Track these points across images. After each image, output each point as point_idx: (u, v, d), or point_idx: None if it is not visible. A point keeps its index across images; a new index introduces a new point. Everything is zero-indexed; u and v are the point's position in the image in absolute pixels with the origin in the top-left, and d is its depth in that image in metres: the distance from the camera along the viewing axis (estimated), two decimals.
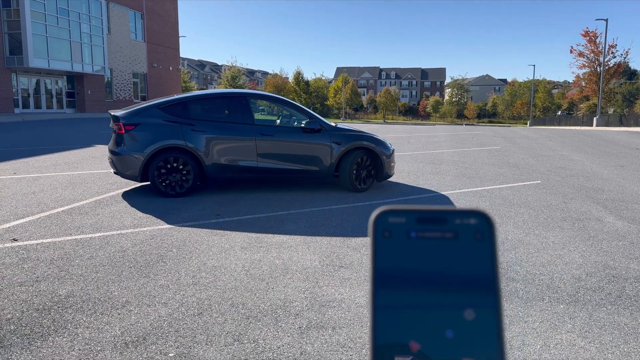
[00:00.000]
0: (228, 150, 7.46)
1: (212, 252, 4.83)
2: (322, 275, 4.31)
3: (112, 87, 37.89)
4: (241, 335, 3.22)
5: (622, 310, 3.78)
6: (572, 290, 4.13)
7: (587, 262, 4.82)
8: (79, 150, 12.78)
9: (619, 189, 8.82)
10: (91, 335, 3.19)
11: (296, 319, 3.46)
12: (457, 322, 0.39)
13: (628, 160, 13.46)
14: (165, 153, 7.20)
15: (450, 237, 0.41)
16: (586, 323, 3.55)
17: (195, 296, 3.80)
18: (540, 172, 10.65)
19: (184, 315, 3.48)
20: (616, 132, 28.76)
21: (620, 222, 6.44)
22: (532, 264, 4.72)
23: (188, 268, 4.39)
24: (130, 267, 4.40)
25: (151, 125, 7.25)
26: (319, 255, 4.83)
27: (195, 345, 3.08)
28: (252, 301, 3.73)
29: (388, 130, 27.72)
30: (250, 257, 4.71)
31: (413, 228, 0.41)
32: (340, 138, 7.82)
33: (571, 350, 3.16)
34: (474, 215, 0.41)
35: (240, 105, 7.74)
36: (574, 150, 16.00)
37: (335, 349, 3.09)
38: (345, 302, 3.77)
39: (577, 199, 7.82)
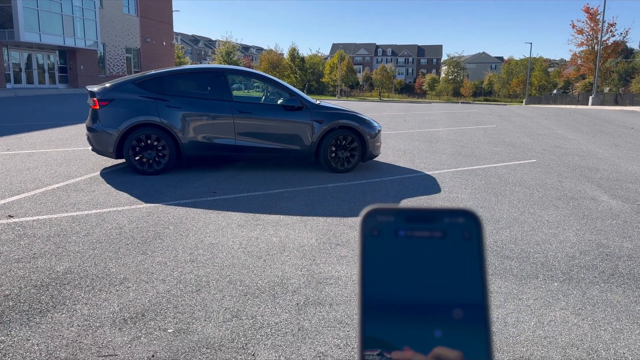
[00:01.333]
0: (205, 128, 7.31)
1: (209, 229, 4.84)
2: (319, 253, 4.34)
3: (105, 62, 37.40)
4: (239, 311, 3.25)
5: (615, 288, 3.83)
6: (566, 268, 4.18)
7: (581, 241, 4.87)
8: (73, 127, 12.67)
9: (614, 168, 8.87)
10: (90, 311, 3.21)
11: (294, 296, 3.49)
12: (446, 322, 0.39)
13: (623, 140, 13.50)
14: (140, 130, 7.07)
15: (438, 236, 0.41)
16: (579, 300, 3.60)
17: (193, 273, 3.82)
18: (535, 151, 10.67)
19: (182, 292, 3.50)
20: (611, 111, 28.78)
21: (614, 201, 6.49)
22: (527, 242, 4.77)
23: (185, 245, 4.40)
24: (127, 244, 4.41)
25: (126, 101, 7.12)
26: (315, 233, 4.85)
27: (194, 322, 3.11)
28: (249, 278, 3.75)
29: (384, 108, 27.60)
30: (248, 234, 4.73)
31: (402, 227, 0.42)
32: (322, 116, 7.61)
33: (565, 327, 3.21)
34: (462, 214, 0.42)
35: (218, 81, 7.56)
36: (569, 129, 16.02)
37: (332, 325, 3.12)
38: (342, 280, 3.81)
39: (572, 178, 7.86)
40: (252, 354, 2.78)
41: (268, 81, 8.07)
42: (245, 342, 2.89)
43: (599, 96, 38.10)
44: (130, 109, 7.08)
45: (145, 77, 7.41)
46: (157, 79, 7.41)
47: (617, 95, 39.56)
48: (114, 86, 7.26)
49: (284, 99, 7.70)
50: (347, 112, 7.84)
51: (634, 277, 4.04)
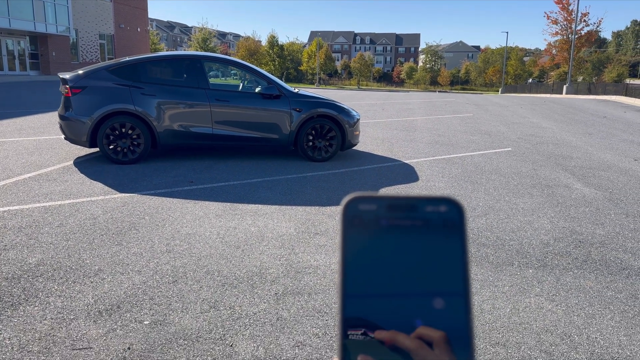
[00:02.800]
0: (181, 116, 7.19)
1: (186, 219, 4.79)
2: (298, 242, 4.32)
3: (78, 49, 36.48)
4: (217, 302, 3.22)
5: (588, 274, 3.92)
6: (540, 255, 4.25)
7: (555, 228, 4.96)
8: (45, 115, 12.34)
9: (587, 156, 9.05)
10: (63, 303, 3.15)
11: (272, 286, 3.48)
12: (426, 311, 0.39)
13: (596, 128, 13.77)
14: (114, 118, 6.93)
15: (420, 224, 0.40)
16: (554, 287, 3.67)
17: (169, 264, 3.77)
18: (511, 140, 10.81)
19: (159, 283, 3.46)
20: (585, 100, 29.31)
21: (587, 188, 6.62)
22: (502, 230, 4.84)
23: (161, 236, 4.34)
24: (101, 234, 4.33)
25: (99, 88, 6.96)
26: (294, 223, 4.83)
27: (171, 313, 3.07)
28: (227, 268, 3.72)
29: (363, 96, 27.59)
30: (225, 224, 4.69)
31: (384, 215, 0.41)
32: (301, 105, 7.55)
33: (539, 313, 3.27)
34: (444, 202, 0.41)
35: (194, 69, 7.43)
36: (544, 118, 16.27)
37: (311, 314, 3.12)
38: (320, 269, 3.81)
39: (547, 166, 7.99)
40: (230, 345, 2.76)
41: (246, 69, 7.96)
42: (223, 333, 2.87)
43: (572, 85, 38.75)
44: (103, 97, 6.91)
45: (120, 64, 7.23)
46: (131, 66, 7.24)
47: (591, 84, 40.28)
48: (87, 73, 7.08)
49: (262, 87, 7.60)
50: (326, 101, 7.78)
51: (606, 263, 4.14)
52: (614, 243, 4.62)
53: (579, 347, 2.90)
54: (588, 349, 2.89)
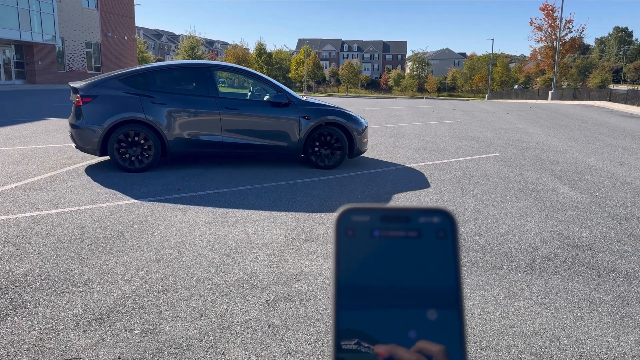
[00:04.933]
0: (191, 124, 7.25)
1: (176, 227, 4.76)
2: (288, 249, 4.32)
3: (64, 58, 36.22)
4: (208, 310, 3.20)
5: (576, 277, 3.96)
6: (529, 258, 4.29)
7: (543, 232, 5.01)
8: (31, 124, 12.23)
9: (573, 161, 9.16)
10: (52, 314, 3.11)
11: (263, 293, 3.47)
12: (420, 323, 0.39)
13: (581, 133, 13.95)
14: (125, 126, 6.98)
15: (413, 235, 0.41)
16: (542, 290, 3.70)
17: (159, 272, 3.75)
18: (498, 145, 10.92)
19: (149, 292, 3.44)
20: (570, 105, 29.70)
21: (574, 192, 6.70)
22: (491, 234, 4.87)
23: (151, 244, 4.32)
24: (90, 244, 4.29)
25: (110, 97, 7.01)
26: (284, 229, 4.83)
27: (161, 322, 3.05)
28: (218, 276, 3.71)
29: (351, 103, 27.68)
30: (215, 232, 4.67)
31: (377, 227, 0.41)
32: (309, 112, 7.59)
33: (529, 316, 3.30)
34: (437, 213, 0.41)
35: (204, 77, 7.49)
36: (530, 123, 16.45)
37: (302, 320, 3.12)
38: (311, 275, 3.81)
39: (533, 171, 8.07)
40: (221, 353, 2.75)
41: (255, 77, 8.01)
42: (214, 341, 2.85)
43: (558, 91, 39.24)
44: (114, 106, 6.98)
45: (130, 73, 7.31)
46: (142, 74, 7.32)
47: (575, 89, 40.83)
48: (98, 82, 7.15)
49: (271, 95, 7.66)
50: (334, 109, 7.83)
51: (593, 266, 4.19)
52: (601, 246, 4.68)
53: (568, 349, 2.93)
54: (577, 350, 2.92)
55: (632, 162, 9.36)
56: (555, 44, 42.86)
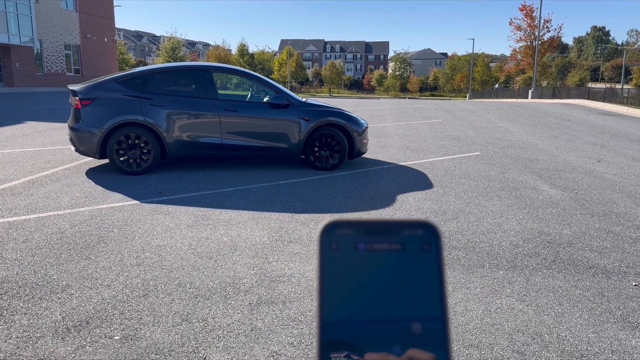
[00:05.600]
0: (190, 126, 7.22)
1: (156, 231, 4.71)
2: (272, 251, 4.30)
3: (43, 60, 35.62)
4: (189, 314, 3.17)
5: (557, 273, 4.01)
6: (510, 256, 4.33)
7: (524, 229, 5.06)
8: (9, 127, 12.00)
9: (553, 159, 9.28)
10: (30, 321, 3.05)
11: (246, 296, 3.45)
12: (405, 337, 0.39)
13: (560, 131, 14.15)
14: (124, 129, 6.95)
15: (397, 248, 0.41)
16: (524, 287, 3.74)
17: (140, 277, 3.70)
18: (479, 144, 11.02)
19: (129, 297, 3.38)
20: (550, 104, 30.11)
21: (554, 190, 6.79)
22: (473, 233, 4.91)
23: (131, 248, 4.26)
24: (69, 249, 4.22)
25: (108, 100, 6.99)
26: (267, 231, 4.80)
27: (142, 327, 3.01)
28: (200, 280, 3.67)
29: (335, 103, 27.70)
30: (197, 235, 4.63)
31: (361, 240, 0.41)
32: (309, 114, 7.57)
33: (510, 314, 3.32)
34: (421, 226, 0.42)
35: (203, 79, 7.46)
36: (510, 122, 16.64)
37: (285, 323, 3.10)
38: (295, 277, 3.79)
39: (514, 169, 8.16)
40: (203, 358, 2.72)
41: (254, 79, 7.98)
42: (196, 346, 2.82)
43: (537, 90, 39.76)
44: (113, 108, 6.94)
45: (129, 75, 7.28)
46: (140, 77, 7.29)
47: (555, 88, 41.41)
48: (97, 85, 7.13)
49: (271, 96, 7.64)
50: (334, 110, 7.82)
51: (573, 263, 4.24)
52: (581, 242, 4.74)
53: (549, 346, 2.95)
54: (558, 347, 2.95)
55: (611, 159, 9.52)
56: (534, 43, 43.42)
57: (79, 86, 7.15)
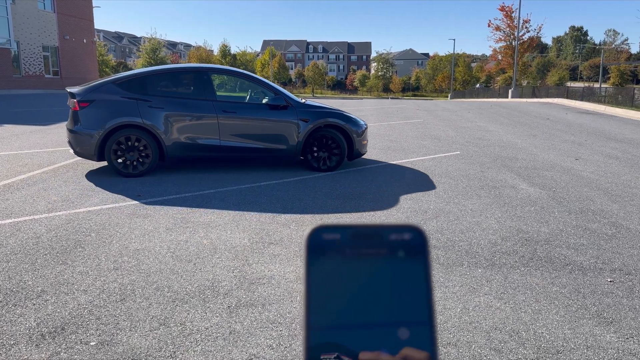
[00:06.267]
0: (188, 128, 7.19)
1: (135, 234, 4.65)
2: (252, 253, 4.28)
3: (20, 62, 35.00)
4: (167, 318, 3.14)
5: (534, 271, 4.06)
6: (488, 254, 4.37)
7: (502, 228, 5.11)
8: None
9: (531, 157, 9.40)
10: (3, 328, 2.99)
11: (225, 299, 3.42)
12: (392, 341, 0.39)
13: (539, 130, 14.34)
14: (122, 131, 6.93)
15: (385, 253, 0.41)
16: (502, 285, 3.77)
17: (117, 281, 3.65)
18: (459, 143, 11.11)
19: (106, 302, 3.34)
20: (529, 103, 30.51)
21: (532, 188, 6.87)
22: (452, 231, 4.95)
23: (109, 253, 4.20)
24: (45, 254, 4.15)
25: (106, 102, 6.98)
26: (248, 233, 4.78)
27: (119, 332, 2.97)
28: (178, 283, 3.64)
29: None
30: (176, 238, 4.59)
31: (348, 244, 0.41)
32: (308, 115, 7.55)
33: (488, 312, 3.36)
34: (408, 230, 0.42)
35: (201, 81, 7.45)
36: (490, 122, 16.82)
37: (265, 325, 3.09)
38: (275, 279, 3.78)
39: (494, 168, 8.25)
40: None
41: (253, 80, 7.96)
42: (173, 350, 2.79)
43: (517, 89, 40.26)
44: (111, 110, 6.93)
45: (127, 77, 7.27)
46: (138, 78, 7.27)
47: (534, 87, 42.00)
48: (95, 87, 7.12)
49: (269, 97, 7.62)
50: (333, 111, 7.81)
51: (550, 260, 4.29)
52: (558, 240, 4.81)
53: (526, 343, 2.99)
54: (535, 343, 2.99)
55: (588, 157, 9.68)
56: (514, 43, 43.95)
57: (77, 88, 7.15)
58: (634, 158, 9.71)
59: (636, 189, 7.01)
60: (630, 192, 6.85)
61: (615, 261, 4.31)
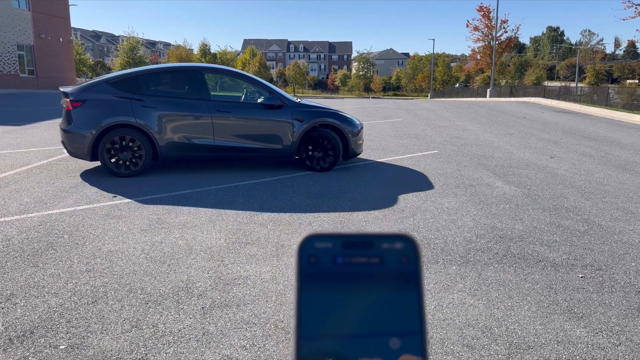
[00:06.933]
0: (182, 128, 7.14)
1: (109, 236, 4.59)
2: (228, 253, 4.25)
3: None
4: (139, 321, 3.10)
5: (507, 268, 4.11)
6: (463, 252, 4.42)
7: (477, 225, 5.17)
8: None
9: (507, 156, 9.53)
10: None
11: (199, 300, 3.40)
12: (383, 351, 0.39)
13: (516, 129, 14.54)
14: (115, 130, 6.87)
15: (376, 262, 0.41)
16: (475, 282, 3.82)
17: (89, 284, 3.60)
18: (437, 142, 11.21)
19: (77, 305, 3.29)
20: (507, 102, 30.91)
21: (507, 186, 6.96)
22: (429, 229, 4.99)
23: (81, 254, 4.14)
24: (15, 256, 4.06)
25: (99, 101, 6.91)
26: (224, 233, 4.75)
27: (89, 335, 2.92)
28: (152, 285, 3.60)
29: None
30: (151, 239, 4.53)
31: (340, 253, 0.41)
32: (303, 115, 7.49)
33: (462, 309, 3.39)
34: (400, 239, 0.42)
35: (195, 80, 7.39)
36: (468, 121, 17.00)
37: (239, 326, 3.07)
38: (250, 279, 3.76)
39: (470, 167, 8.34)
40: None
41: (247, 79, 7.92)
42: (145, 353, 2.76)
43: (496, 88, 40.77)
44: (104, 110, 6.87)
45: (120, 77, 7.22)
46: (132, 78, 7.22)
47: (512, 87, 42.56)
48: (88, 86, 7.07)
49: (264, 97, 7.56)
50: (329, 110, 7.78)
51: (524, 257, 4.36)
52: (532, 237, 4.88)
53: (498, 339, 3.02)
54: (507, 339, 3.03)
55: (563, 155, 9.84)
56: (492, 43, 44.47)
57: (71, 88, 7.09)
58: (607, 156, 9.91)
59: (608, 186, 7.15)
60: (602, 189, 6.99)
61: (586, 257, 4.39)
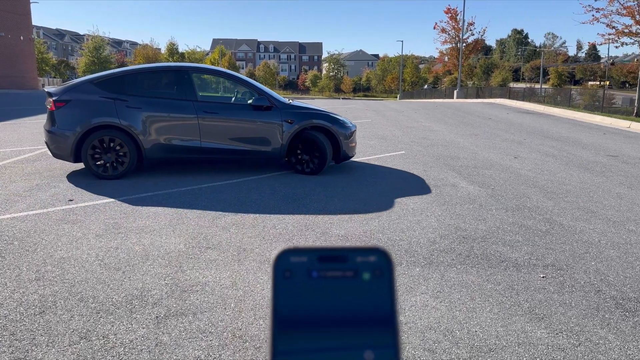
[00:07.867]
0: (167, 129, 6.94)
1: (61, 242, 4.39)
2: (187, 259, 4.12)
3: None
4: (89, 332, 2.95)
5: (470, 269, 4.10)
6: (427, 253, 4.40)
7: (441, 226, 5.17)
8: None
9: (472, 156, 9.63)
10: None
11: (153, 308, 3.26)
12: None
13: (482, 130, 14.75)
14: (99, 132, 6.67)
15: (351, 275, 0.41)
16: (438, 284, 3.79)
17: (37, 293, 3.42)
18: (405, 143, 11.25)
19: (23, 316, 3.11)
20: (473, 103, 31.42)
21: (472, 186, 7.01)
22: (393, 231, 4.95)
23: (31, 262, 3.94)
24: None
25: (83, 101, 6.73)
26: (184, 238, 4.61)
27: (34, 348, 2.76)
28: (104, 293, 3.44)
29: None
30: (106, 245, 4.36)
31: (314, 267, 0.41)
32: (293, 116, 7.31)
33: (424, 311, 3.35)
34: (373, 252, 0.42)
35: (182, 80, 7.19)
36: (435, 122, 17.17)
37: (194, 335, 2.96)
38: (209, 285, 3.64)
39: (436, 167, 8.38)
40: None
41: (235, 80, 7.74)
42: None
43: (463, 90, 41.43)
44: (87, 110, 6.69)
45: (104, 77, 7.04)
46: (116, 78, 7.04)
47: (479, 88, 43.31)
48: (71, 86, 6.90)
49: (253, 98, 7.35)
50: (319, 112, 7.60)
51: (486, 257, 4.36)
52: (495, 237, 4.90)
53: (460, 342, 2.99)
54: (468, 342, 3.00)
55: (526, 155, 10.01)
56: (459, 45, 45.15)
57: (55, 88, 6.90)
58: (569, 156, 10.12)
59: (570, 186, 7.29)
60: (564, 188, 7.11)
61: (548, 257, 4.43)
